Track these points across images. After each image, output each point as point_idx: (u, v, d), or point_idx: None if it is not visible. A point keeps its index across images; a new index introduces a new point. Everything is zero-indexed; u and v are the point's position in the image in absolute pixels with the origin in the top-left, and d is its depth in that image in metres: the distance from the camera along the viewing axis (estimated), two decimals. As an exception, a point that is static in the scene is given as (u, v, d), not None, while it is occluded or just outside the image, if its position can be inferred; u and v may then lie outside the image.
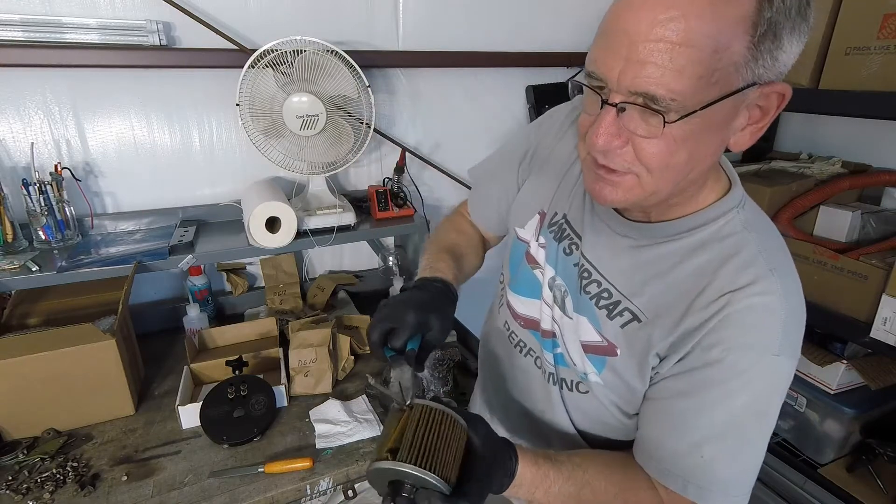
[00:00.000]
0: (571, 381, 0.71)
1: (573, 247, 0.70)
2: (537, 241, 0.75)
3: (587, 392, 0.69)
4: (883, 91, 1.32)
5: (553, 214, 0.73)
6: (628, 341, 0.63)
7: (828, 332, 1.68)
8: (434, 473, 0.48)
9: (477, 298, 1.05)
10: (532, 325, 0.76)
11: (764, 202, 1.66)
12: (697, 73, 0.45)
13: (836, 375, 1.62)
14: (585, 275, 0.67)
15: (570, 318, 0.69)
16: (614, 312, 0.64)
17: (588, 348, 0.67)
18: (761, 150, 2.20)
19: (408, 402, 0.55)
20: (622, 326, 0.63)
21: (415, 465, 0.48)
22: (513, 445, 0.59)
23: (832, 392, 1.64)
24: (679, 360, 0.59)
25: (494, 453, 0.56)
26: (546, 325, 0.73)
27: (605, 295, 0.65)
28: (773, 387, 0.58)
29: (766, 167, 1.92)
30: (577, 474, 0.61)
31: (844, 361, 1.60)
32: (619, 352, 0.64)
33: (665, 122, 0.48)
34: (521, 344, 0.79)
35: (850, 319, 1.46)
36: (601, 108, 0.51)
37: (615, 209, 0.65)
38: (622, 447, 0.70)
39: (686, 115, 0.48)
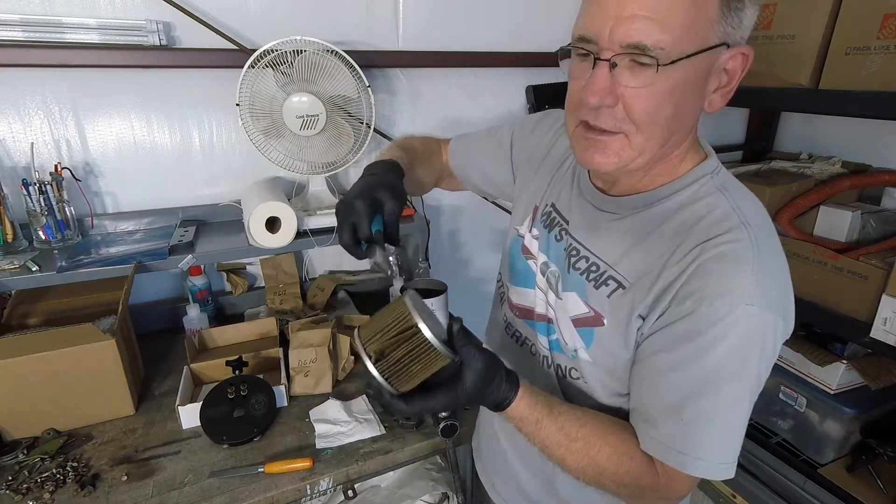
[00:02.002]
0: (566, 368, 0.73)
1: (562, 232, 0.73)
2: (530, 233, 0.79)
3: (579, 378, 0.71)
4: (883, 91, 1.32)
5: (544, 206, 0.78)
6: (613, 309, 0.65)
7: (828, 332, 1.68)
8: (387, 381, 0.57)
9: (477, 302, 1.05)
10: (526, 314, 0.79)
11: (764, 202, 1.63)
12: (680, 25, 0.51)
13: (836, 375, 1.62)
14: (574, 253, 0.70)
15: (561, 299, 0.72)
16: (600, 282, 0.66)
17: (577, 322, 0.69)
18: (761, 150, 2.20)
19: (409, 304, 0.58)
20: (608, 296, 0.65)
21: (382, 373, 0.57)
22: (515, 383, 0.62)
23: (832, 392, 1.64)
24: (658, 318, 0.60)
25: (478, 388, 0.60)
26: (540, 309, 0.76)
27: (593, 268, 0.67)
28: (749, 339, 0.56)
29: (766, 167, 1.92)
30: (571, 426, 0.63)
31: (844, 361, 1.60)
32: (605, 321, 0.66)
33: (658, 65, 0.52)
34: (518, 334, 0.82)
35: (850, 319, 1.46)
36: (593, 66, 0.55)
37: (597, 188, 0.69)
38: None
39: (672, 62, 0.52)
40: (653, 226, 0.63)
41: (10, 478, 0.94)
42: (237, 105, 1.25)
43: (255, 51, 1.24)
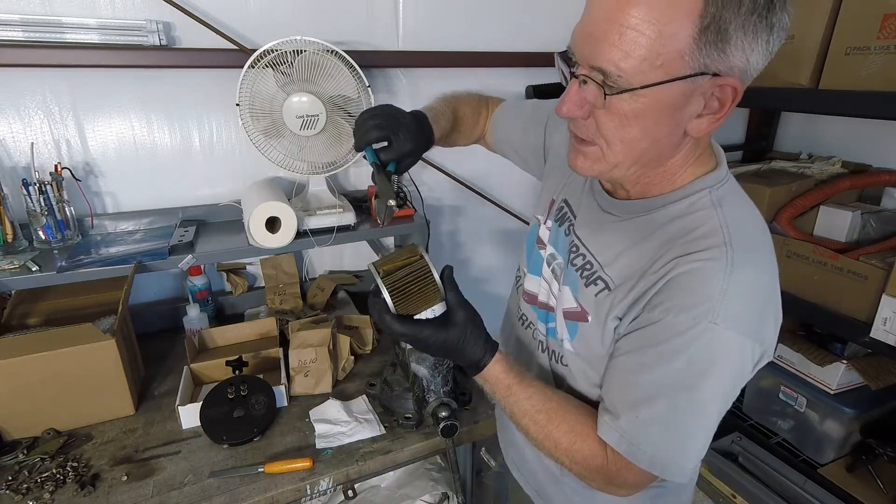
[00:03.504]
0: (557, 354, 0.77)
1: (570, 227, 0.77)
2: (545, 224, 0.83)
3: (567, 366, 0.75)
4: (883, 91, 1.32)
5: (560, 200, 0.81)
6: (597, 308, 0.68)
7: (828, 332, 1.68)
8: (392, 296, 0.66)
9: (477, 302, 1.05)
10: (532, 299, 0.84)
11: (764, 202, 1.66)
12: (641, 55, 0.51)
13: (836, 375, 1.62)
14: (574, 249, 0.74)
15: (560, 291, 0.75)
16: (590, 281, 0.70)
17: (566, 315, 0.73)
18: (761, 150, 2.20)
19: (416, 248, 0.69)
20: (595, 295, 0.69)
21: (388, 288, 0.66)
22: (493, 347, 0.69)
23: (832, 392, 1.64)
24: (632, 321, 0.63)
25: (460, 337, 0.67)
26: (543, 298, 0.80)
27: (587, 266, 0.71)
28: (709, 356, 0.58)
29: (766, 167, 1.92)
30: (537, 400, 0.68)
31: (844, 361, 1.60)
32: (589, 318, 0.69)
33: (605, 94, 0.55)
34: (524, 317, 0.87)
35: (850, 319, 1.46)
36: (570, 78, 0.59)
37: (605, 190, 0.72)
38: None
39: (627, 91, 0.54)
40: (646, 233, 0.65)
41: (10, 478, 0.94)
42: (237, 105, 1.25)
43: (255, 51, 1.24)
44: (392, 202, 0.74)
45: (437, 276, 0.67)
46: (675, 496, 0.81)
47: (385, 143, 0.77)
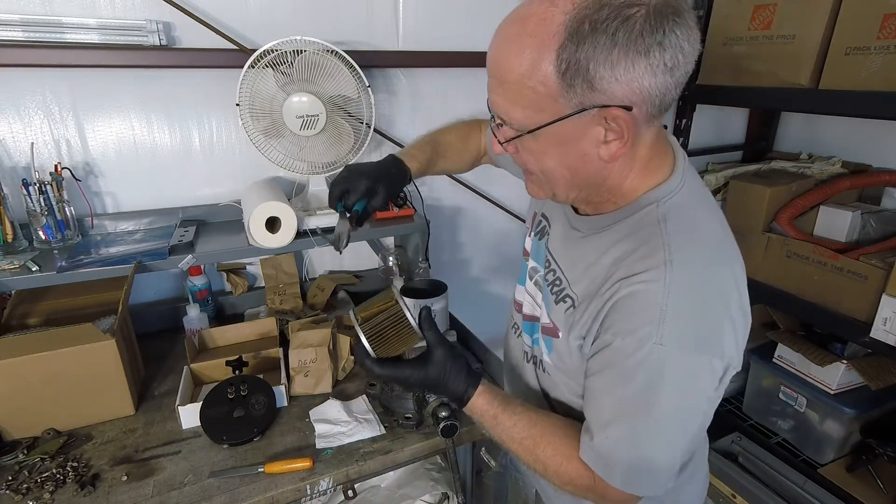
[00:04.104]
0: (542, 364, 0.79)
1: (546, 241, 0.80)
2: (529, 236, 0.86)
3: (550, 376, 0.77)
4: (883, 91, 1.31)
5: (540, 213, 0.84)
6: (566, 325, 0.70)
7: (828, 332, 1.68)
8: (369, 342, 0.71)
9: (477, 302, 1.05)
10: (520, 308, 0.87)
11: (764, 202, 1.66)
12: (524, 104, 0.57)
13: (836, 375, 1.62)
14: (547, 264, 0.77)
15: (540, 306, 0.78)
16: (560, 298, 0.72)
17: (543, 329, 0.76)
18: (761, 150, 2.20)
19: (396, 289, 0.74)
20: (564, 312, 0.71)
21: (364, 333, 0.71)
22: (475, 380, 0.72)
23: (832, 392, 1.64)
24: (593, 342, 0.65)
25: (441, 374, 0.71)
26: (528, 309, 0.83)
27: (557, 283, 0.73)
28: (660, 379, 0.59)
29: (766, 167, 1.92)
30: (522, 426, 0.70)
31: (844, 361, 1.60)
32: (560, 334, 0.72)
33: (506, 137, 0.62)
34: (516, 326, 0.89)
35: (850, 319, 1.46)
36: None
37: (573, 207, 0.74)
38: None
39: (522, 135, 0.60)
40: (601, 252, 0.67)
41: (10, 478, 0.94)
42: (237, 105, 1.26)
43: (255, 51, 1.24)
44: (342, 237, 0.89)
45: (412, 319, 0.71)
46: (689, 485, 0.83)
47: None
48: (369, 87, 1.32)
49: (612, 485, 0.64)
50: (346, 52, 1.28)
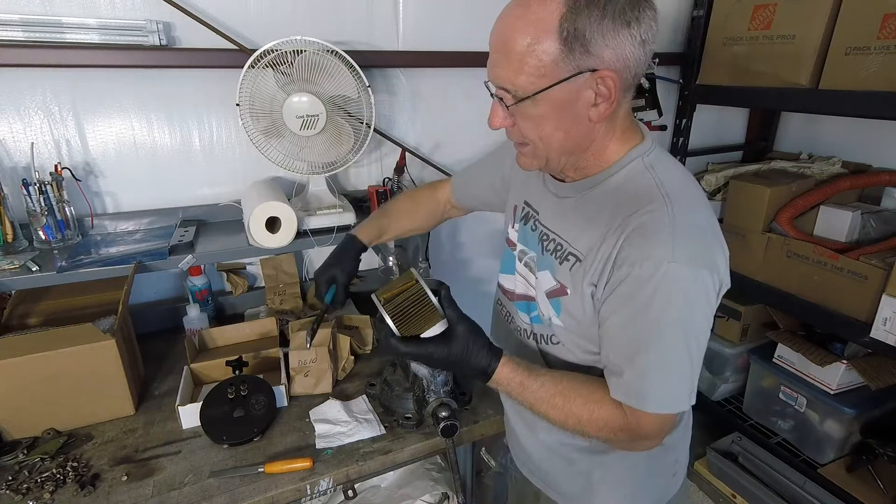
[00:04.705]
0: (547, 336, 0.83)
1: (536, 222, 0.86)
2: (513, 227, 0.92)
3: (558, 343, 0.81)
4: (883, 91, 1.32)
5: (522, 204, 0.91)
6: (574, 280, 0.75)
7: (828, 332, 1.68)
8: (393, 321, 0.72)
9: (477, 302, 1.06)
10: (510, 295, 0.92)
11: (764, 202, 1.66)
12: (528, 71, 0.65)
13: (836, 375, 1.62)
14: (545, 238, 0.82)
15: (538, 278, 0.83)
16: (563, 258, 0.78)
17: (549, 294, 0.80)
18: (761, 150, 2.20)
19: (416, 274, 0.75)
20: (570, 269, 0.76)
21: (389, 313, 0.72)
22: (497, 353, 0.75)
23: (832, 392, 1.64)
24: (606, 285, 0.71)
25: (464, 349, 0.73)
26: (520, 290, 0.88)
27: (559, 248, 0.79)
28: (681, 293, 0.66)
29: (766, 167, 1.92)
30: (549, 385, 0.74)
31: (844, 361, 1.60)
32: (568, 291, 0.76)
33: (507, 105, 0.70)
34: (507, 313, 0.95)
35: (850, 319, 1.46)
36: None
37: (557, 179, 0.82)
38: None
39: (525, 99, 0.68)
40: (598, 206, 0.74)
41: (10, 478, 0.94)
42: (237, 105, 1.25)
43: (255, 51, 1.24)
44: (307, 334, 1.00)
45: (432, 297, 0.73)
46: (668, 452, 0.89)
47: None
48: (369, 87, 1.33)
49: (648, 411, 0.69)
50: (346, 52, 1.28)
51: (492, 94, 0.73)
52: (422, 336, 0.73)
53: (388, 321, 0.72)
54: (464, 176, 1.15)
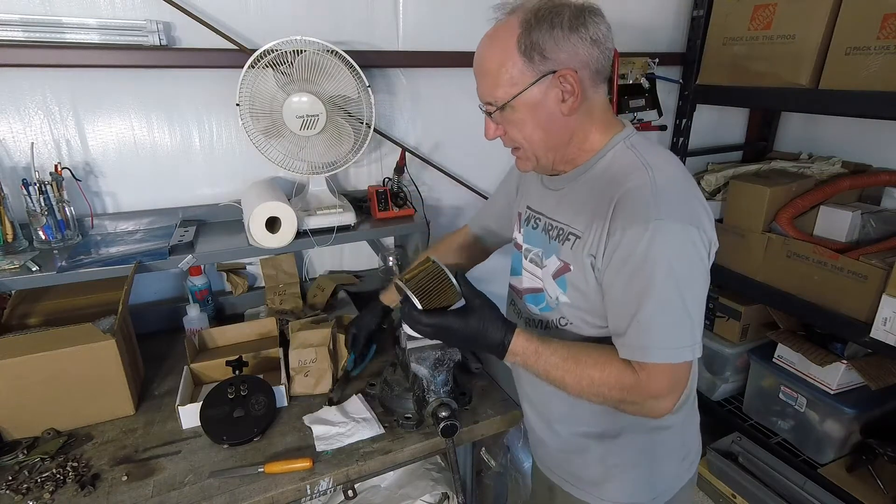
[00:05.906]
0: (556, 320, 0.89)
1: (538, 220, 0.93)
2: (519, 231, 1.00)
3: (567, 324, 0.87)
4: (883, 91, 1.32)
5: (525, 209, 0.99)
6: (575, 256, 0.83)
7: (828, 332, 1.68)
8: (415, 295, 0.79)
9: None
10: (519, 292, 0.99)
11: (764, 202, 1.66)
12: (501, 84, 0.78)
13: (836, 375, 1.62)
14: (549, 227, 0.90)
15: (545, 266, 0.89)
16: (564, 239, 0.85)
17: (555, 275, 0.87)
18: (761, 150, 2.20)
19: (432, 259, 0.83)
20: (571, 248, 0.83)
21: (411, 289, 0.79)
22: (511, 326, 0.81)
23: (832, 392, 1.64)
24: (603, 255, 0.78)
25: (480, 322, 0.80)
26: (528, 284, 0.95)
27: (560, 232, 0.87)
28: (671, 247, 0.72)
29: (766, 167, 1.92)
30: (562, 350, 0.80)
31: (844, 361, 1.60)
32: (572, 267, 0.84)
33: (491, 113, 0.83)
34: (518, 311, 1.01)
35: (850, 319, 1.46)
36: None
37: (553, 176, 0.91)
38: None
39: (504, 106, 0.80)
40: (590, 187, 0.83)
41: (10, 478, 0.94)
42: (237, 105, 1.26)
43: (255, 51, 1.24)
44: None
45: (450, 275, 0.80)
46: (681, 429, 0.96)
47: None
48: (369, 87, 1.33)
49: (652, 361, 0.74)
50: (346, 52, 1.28)
51: (481, 108, 0.84)
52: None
53: (410, 294, 0.79)
54: (482, 207, 1.25)
